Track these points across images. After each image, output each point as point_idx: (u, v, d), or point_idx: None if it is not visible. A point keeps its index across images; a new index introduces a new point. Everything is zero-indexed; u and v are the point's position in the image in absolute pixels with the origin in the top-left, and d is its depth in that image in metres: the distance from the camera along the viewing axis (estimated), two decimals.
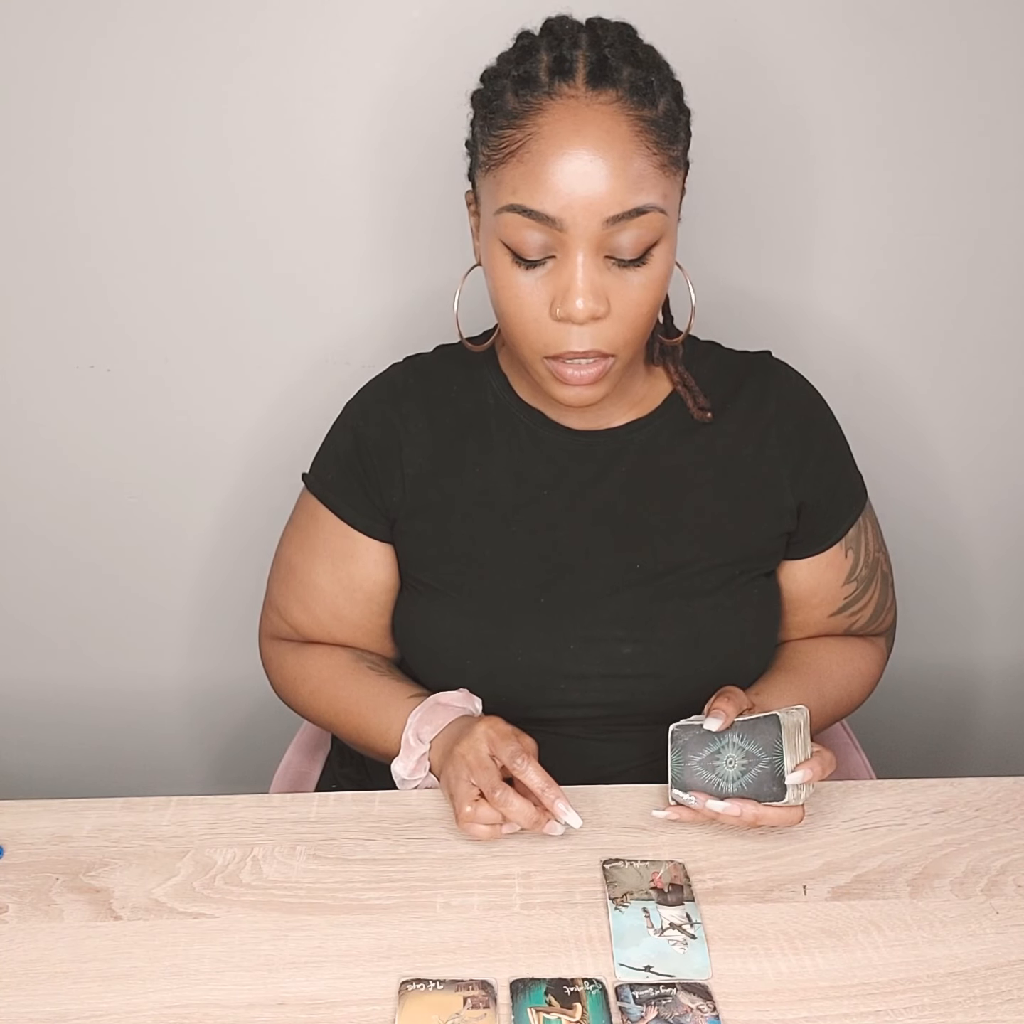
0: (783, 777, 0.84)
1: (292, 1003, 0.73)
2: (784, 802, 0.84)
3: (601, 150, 0.83)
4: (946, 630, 1.56)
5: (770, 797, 0.85)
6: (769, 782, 0.85)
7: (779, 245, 1.32)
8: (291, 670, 1.09)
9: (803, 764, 0.85)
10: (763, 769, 0.85)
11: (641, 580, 1.00)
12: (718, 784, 0.86)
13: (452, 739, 0.92)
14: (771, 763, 0.85)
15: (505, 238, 0.87)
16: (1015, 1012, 0.73)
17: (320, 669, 1.06)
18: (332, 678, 1.05)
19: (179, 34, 1.20)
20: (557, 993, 0.73)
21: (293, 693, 1.09)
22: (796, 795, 0.85)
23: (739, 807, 0.85)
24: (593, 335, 0.88)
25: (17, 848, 0.87)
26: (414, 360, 1.08)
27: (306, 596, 1.07)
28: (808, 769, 0.84)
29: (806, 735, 0.87)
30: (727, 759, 0.86)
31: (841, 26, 1.21)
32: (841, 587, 1.07)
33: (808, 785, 0.85)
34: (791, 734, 0.85)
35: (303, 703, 1.08)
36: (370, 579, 1.05)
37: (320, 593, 1.06)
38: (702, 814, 0.86)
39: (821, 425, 1.05)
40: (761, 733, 0.85)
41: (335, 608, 1.06)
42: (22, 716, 1.57)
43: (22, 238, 1.29)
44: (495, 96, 0.88)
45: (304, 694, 1.07)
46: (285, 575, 1.09)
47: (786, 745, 0.84)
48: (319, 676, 1.06)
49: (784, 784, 0.84)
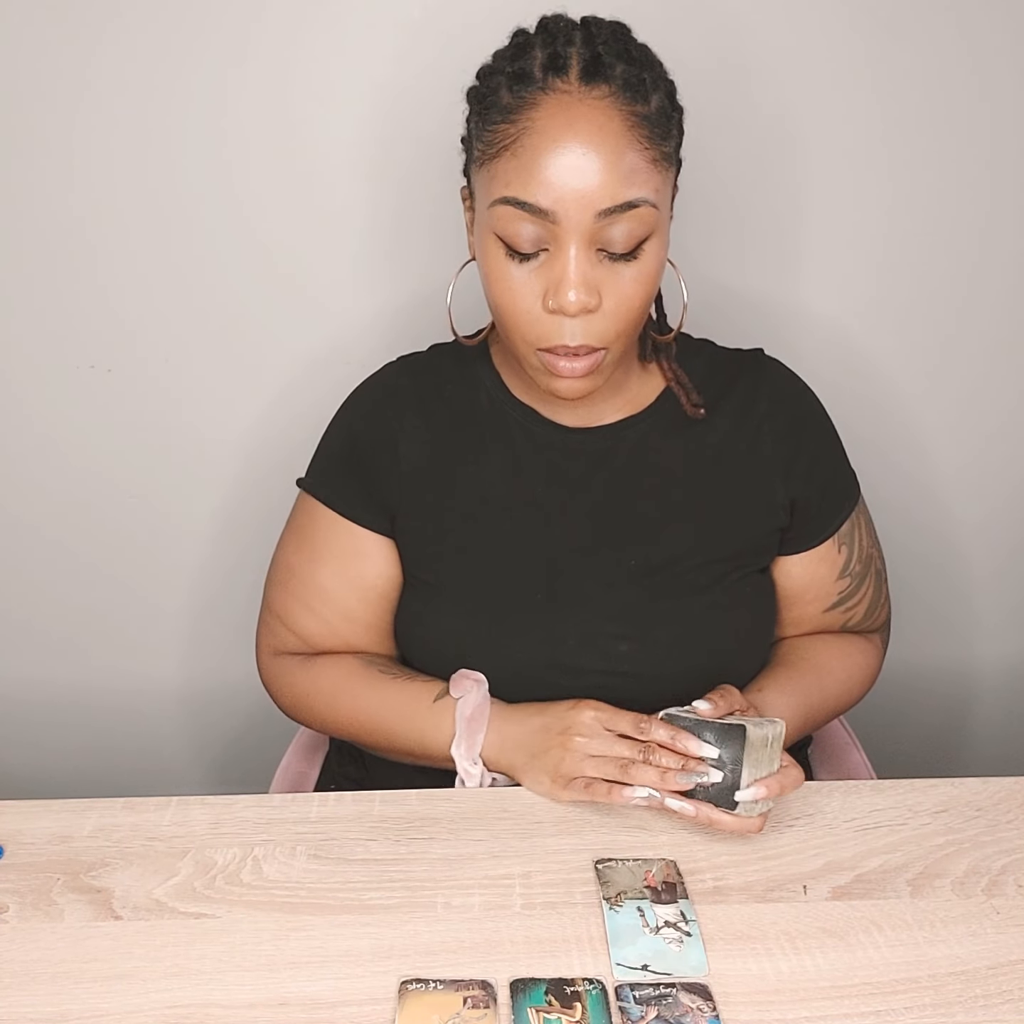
0: (738, 790, 0.84)
1: (293, 1003, 0.73)
2: (735, 813, 0.84)
3: (594, 144, 0.84)
4: (945, 630, 1.56)
5: (725, 805, 0.84)
6: (727, 791, 0.84)
7: (771, 244, 1.33)
8: (303, 686, 1.06)
9: (762, 780, 0.84)
10: (725, 776, 0.84)
11: (635, 577, 1.00)
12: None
13: (499, 737, 0.94)
14: (732, 772, 0.84)
15: (498, 231, 0.88)
16: (1016, 1012, 0.72)
17: (333, 681, 1.04)
18: (347, 688, 1.03)
19: (179, 33, 1.20)
20: (557, 993, 0.73)
21: (308, 710, 1.07)
22: (747, 809, 0.84)
23: (695, 809, 0.85)
24: (585, 329, 0.88)
25: (18, 848, 0.87)
26: (407, 359, 1.08)
27: (312, 600, 1.06)
28: (763, 787, 0.84)
29: (775, 749, 0.86)
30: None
31: (836, 23, 1.22)
32: (835, 583, 1.07)
33: (766, 800, 0.84)
34: (755, 748, 0.84)
35: (321, 718, 1.06)
36: (382, 576, 1.04)
37: (328, 595, 1.05)
38: (663, 808, 0.87)
39: (813, 421, 1.06)
40: (729, 741, 0.85)
41: (346, 610, 1.05)
42: (22, 716, 1.57)
43: (22, 238, 1.29)
44: (490, 92, 0.89)
45: (321, 708, 1.05)
46: (286, 580, 1.07)
47: (747, 758, 0.83)
48: (333, 688, 1.04)
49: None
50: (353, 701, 1.02)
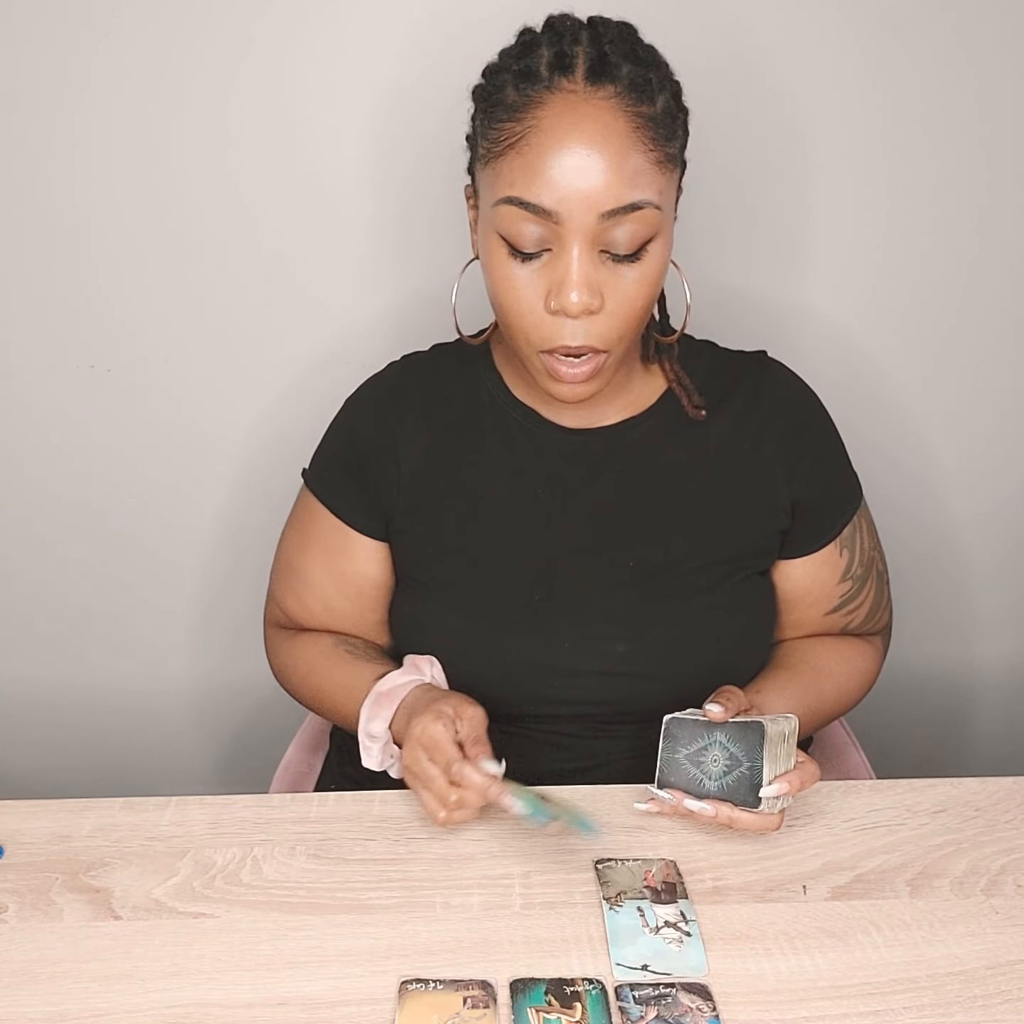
0: (760, 786, 0.84)
1: (292, 1003, 0.73)
2: (758, 811, 0.84)
3: (598, 145, 0.84)
4: (944, 630, 1.56)
5: (746, 803, 0.84)
6: (746, 788, 0.84)
7: (775, 245, 1.33)
8: (284, 658, 1.11)
9: (782, 776, 0.84)
10: (743, 774, 0.85)
11: (634, 578, 1.00)
12: (701, 780, 0.86)
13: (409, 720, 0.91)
14: (751, 770, 0.84)
15: (502, 230, 0.88)
16: (1015, 1012, 0.73)
17: (306, 657, 1.08)
18: (314, 664, 1.06)
19: (181, 34, 1.20)
20: (557, 993, 0.73)
21: (287, 681, 1.12)
22: (770, 805, 0.84)
23: (714, 809, 0.85)
24: (587, 330, 0.88)
25: (17, 848, 0.87)
26: (410, 358, 1.08)
27: (300, 588, 1.09)
28: (784, 783, 0.84)
29: (791, 744, 0.86)
30: (712, 757, 0.86)
31: (840, 26, 1.22)
32: (836, 586, 1.07)
33: (786, 797, 0.85)
34: (774, 744, 0.84)
35: (295, 691, 1.11)
36: (359, 575, 1.06)
37: (312, 586, 1.08)
38: (678, 811, 0.86)
39: (816, 424, 1.05)
40: (745, 738, 0.85)
41: (326, 601, 1.08)
42: (22, 716, 1.57)
43: (23, 238, 1.29)
44: (496, 90, 0.88)
45: (295, 682, 1.10)
46: (282, 567, 1.11)
47: (767, 754, 0.84)
48: (305, 663, 1.08)
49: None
50: (316, 678, 1.06)
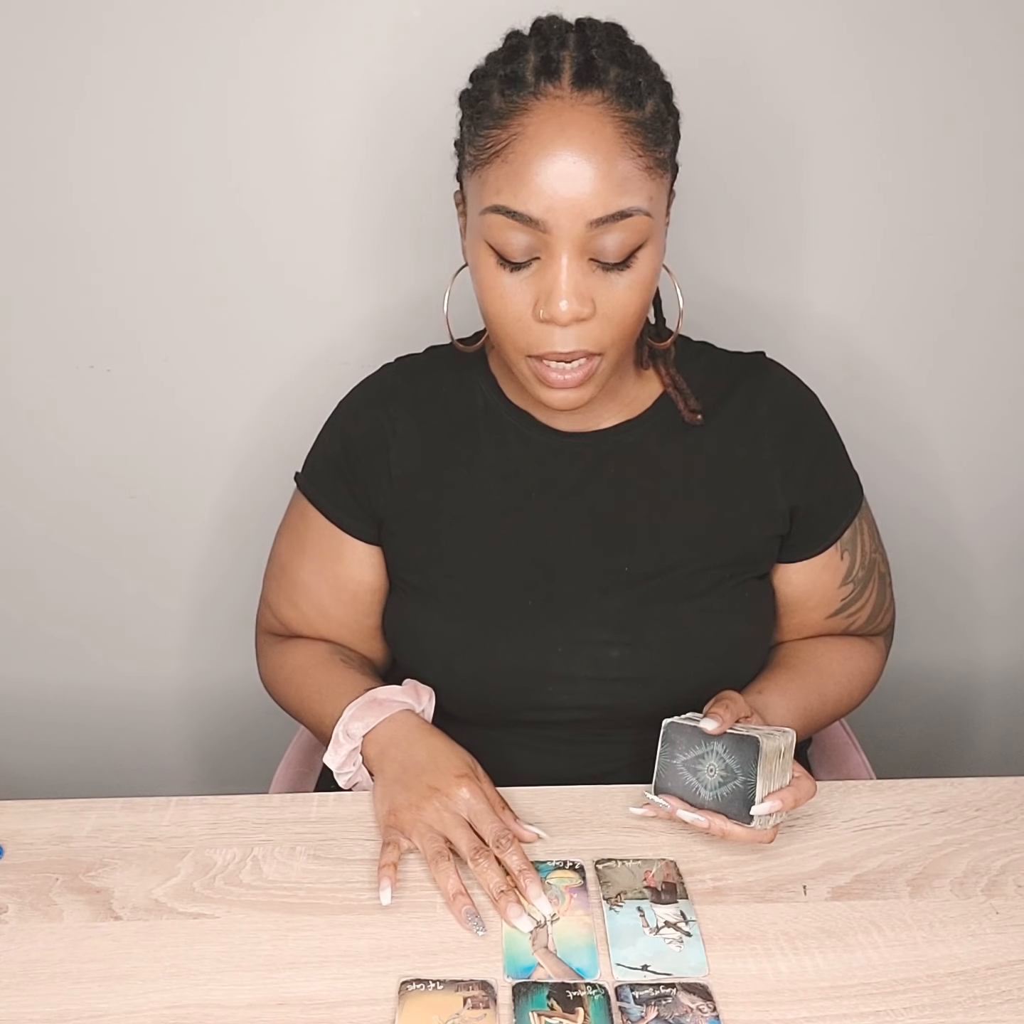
0: (753, 802, 0.83)
1: (292, 1003, 0.73)
2: (750, 827, 0.83)
3: (585, 152, 0.82)
4: (945, 630, 1.56)
5: (739, 817, 0.84)
6: (740, 803, 0.84)
7: (772, 246, 1.32)
8: (272, 659, 1.11)
9: (775, 793, 0.84)
10: (737, 788, 0.84)
11: (629, 583, 0.99)
12: (696, 788, 0.86)
13: (390, 740, 0.93)
14: (745, 784, 0.84)
15: (490, 239, 0.86)
16: (1015, 1012, 0.73)
17: (296, 659, 1.07)
18: (304, 667, 1.06)
19: (177, 33, 1.19)
20: (559, 997, 0.73)
21: (272, 682, 1.11)
22: (763, 822, 0.84)
23: (708, 821, 0.84)
24: (578, 335, 0.87)
25: (17, 848, 0.87)
26: (404, 361, 1.08)
27: (294, 594, 1.08)
28: (778, 800, 0.83)
29: (787, 760, 0.86)
30: (708, 767, 0.86)
31: (834, 24, 1.21)
32: (838, 589, 1.07)
33: (780, 813, 0.84)
34: (769, 760, 0.83)
35: (278, 692, 1.10)
36: (354, 580, 1.05)
37: (307, 591, 1.07)
38: (673, 817, 0.86)
39: (815, 427, 1.04)
40: (742, 751, 0.84)
41: (321, 606, 1.07)
42: (22, 716, 1.57)
43: (22, 238, 1.29)
44: (482, 96, 0.87)
45: (280, 682, 1.09)
46: (277, 572, 1.10)
47: (761, 770, 0.83)
48: (293, 665, 1.07)
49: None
50: (303, 679, 1.05)
